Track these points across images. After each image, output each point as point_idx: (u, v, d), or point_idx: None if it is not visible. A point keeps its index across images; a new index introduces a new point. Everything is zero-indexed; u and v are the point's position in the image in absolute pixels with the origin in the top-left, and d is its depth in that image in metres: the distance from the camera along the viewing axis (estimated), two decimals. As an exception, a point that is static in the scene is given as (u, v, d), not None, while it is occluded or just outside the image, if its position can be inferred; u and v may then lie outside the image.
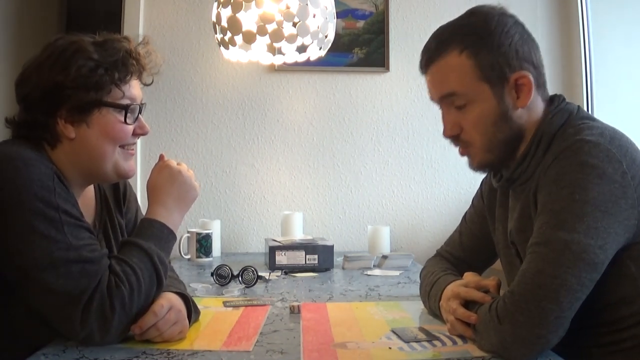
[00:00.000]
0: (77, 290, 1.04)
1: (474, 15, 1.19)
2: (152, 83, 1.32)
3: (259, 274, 1.80)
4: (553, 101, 1.21)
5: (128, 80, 1.21)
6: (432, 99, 1.25)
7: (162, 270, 1.15)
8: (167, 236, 1.21)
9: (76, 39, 1.19)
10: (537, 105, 1.20)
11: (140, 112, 1.25)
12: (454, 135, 1.22)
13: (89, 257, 1.08)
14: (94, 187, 1.34)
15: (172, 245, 1.24)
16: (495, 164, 1.22)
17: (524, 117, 1.18)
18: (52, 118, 1.17)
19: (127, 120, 1.21)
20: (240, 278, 1.76)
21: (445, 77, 1.19)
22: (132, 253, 1.14)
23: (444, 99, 1.20)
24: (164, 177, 1.27)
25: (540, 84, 1.20)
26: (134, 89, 1.23)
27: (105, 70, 1.17)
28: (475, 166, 1.23)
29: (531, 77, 1.16)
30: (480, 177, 1.47)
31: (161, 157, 1.32)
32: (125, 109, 1.20)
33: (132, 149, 1.26)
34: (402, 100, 2.71)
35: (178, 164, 1.30)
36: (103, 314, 1.05)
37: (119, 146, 1.22)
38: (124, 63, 1.20)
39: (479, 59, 1.15)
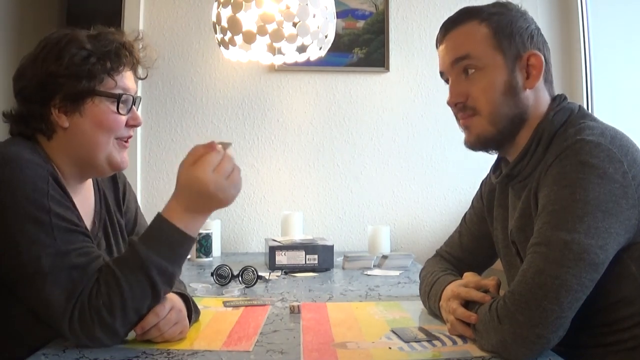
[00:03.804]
0: (62, 298, 1.03)
1: (498, 3, 1.25)
2: (146, 77, 1.33)
3: (259, 274, 1.80)
4: (555, 100, 1.22)
5: (121, 71, 1.22)
6: (442, 69, 1.26)
7: (161, 281, 1.08)
8: (177, 241, 1.10)
9: (70, 31, 1.21)
10: (543, 98, 1.21)
11: (134, 103, 1.25)
12: (459, 102, 1.22)
13: (75, 263, 1.06)
14: (94, 187, 1.34)
15: (186, 248, 1.13)
16: (493, 139, 1.21)
17: (530, 101, 1.19)
18: (46, 108, 1.17)
19: (120, 110, 1.21)
20: (240, 278, 1.76)
21: (461, 41, 1.22)
22: (127, 264, 1.08)
23: (456, 63, 1.21)
24: (213, 180, 1.10)
25: (548, 80, 1.22)
26: (127, 80, 1.24)
27: (97, 59, 1.18)
28: (472, 140, 1.23)
29: (543, 59, 1.19)
30: (480, 177, 1.48)
31: (213, 146, 1.12)
32: (118, 98, 1.20)
33: (127, 141, 1.26)
34: (402, 100, 2.71)
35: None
36: (85, 324, 1.04)
37: (114, 138, 1.22)
38: (117, 53, 1.21)
39: (497, 31, 1.19)
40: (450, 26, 1.24)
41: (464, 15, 1.23)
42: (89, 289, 1.05)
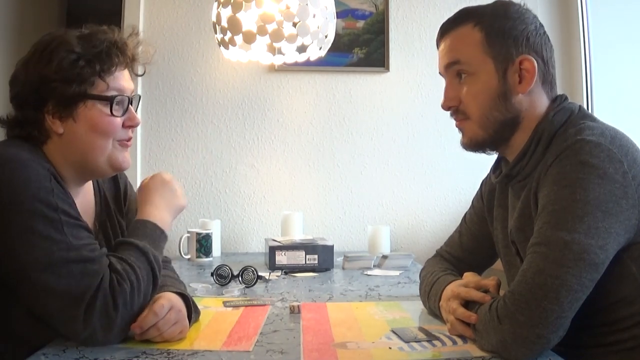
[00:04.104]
0: (78, 290, 1.04)
1: (498, 3, 1.24)
2: (144, 73, 1.31)
3: (259, 274, 1.80)
4: (555, 100, 1.22)
5: (113, 71, 1.19)
6: (439, 71, 1.28)
7: (157, 269, 1.16)
8: (159, 236, 1.22)
9: (60, 34, 1.19)
10: (541, 100, 1.20)
11: (130, 103, 1.23)
12: (452, 106, 1.23)
13: (89, 256, 1.07)
14: (94, 188, 1.34)
15: (164, 245, 1.25)
16: (485, 142, 1.22)
17: (524, 105, 1.19)
18: (40, 114, 1.17)
19: (114, 112, 1.19)
20: (240, 278, 1.76)
21: (454, 45, 1.22)
22: (129, 252, 1.14)
23: (449, 67, 1.23)
24: (155, 181, 1.30)
25: (547, 81, 1.21)
26: (121, 80, 1.21)
27: (86, 62, 1.16)
28: (466, 142, 1.24)
29: (535, 64, 1.17)
30: (481, 177, 1.48)
31: None
32: (111, 100, 1.18)
33: (129, 141, 1.25)
34: (402, 100, 2.71)
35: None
36: (107, 313, 1.05)
37: (115, 140, 1.21)
38: (108, 54, 1.18)
39: (490, 35, 1.18)
40: (446, 29, 1.25)
41: (460, 18, 1.23)
42: (108, 277, 1.07)
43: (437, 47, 1.28)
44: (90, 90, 1.17)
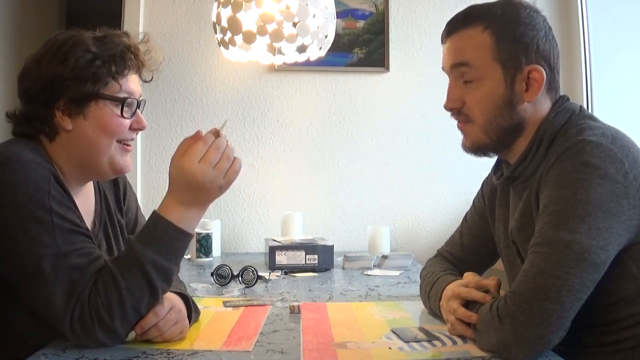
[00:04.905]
0: (63, 299, 1.03)
1: (508, 4, 1.21)
2: (151, 80, 1.32)
3: (259, 274, 1.80)
4: (557, 101, 1.22)
5: (126, 74, 1.21)
6: (443, 67, 1.25)
7: (157, 277, 1.08)
8: (171, 237, 1.10)
9: (75, 33, 1.20)
10: (544, 105, 1.20)
11: (138, 106, 1.24)
12: (454, 108, 1.22)
13: (76, 263, 1.06)
14: (94, 187, 1.34)
15: (182, 244, 1.13)
16: (488, 147, 1.22)
17: (528, 112, 1.18)
18: (50, 110, 1.17)
19: (124, 114, 1.20)
20: (240, 278, 1.76)
21: (462, 47, 1.20)
22: (123, 262, 1.08)
23: (455, 68, 1.20)
24: (200, 171, 1.12)
25: (552, 87, 1.21)
26: (132, 83, 1.23)
27: (102, 62, 1.17)
28: (468, 145, 1.23)
29: (544, 74, 1.16)
30: (481, 177, 1.47)
31: (199, 136, 1.17)
32: (122, 102, 1.20)
33: (130, 145, 1.26)
34: (402, 100, 2.71)
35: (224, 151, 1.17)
36: (85, 325, 1.04)
37: (117, 141, 1.22)
38: (122, 57, 1.20)
39: (500, 41, 1.16)
40: (454, 27, 1.21)
41: (470, 19, 1.20)
42: (88, 289, 1.05)
43: (442, 42, 1.24)
44: (104, 91, 1.18)
